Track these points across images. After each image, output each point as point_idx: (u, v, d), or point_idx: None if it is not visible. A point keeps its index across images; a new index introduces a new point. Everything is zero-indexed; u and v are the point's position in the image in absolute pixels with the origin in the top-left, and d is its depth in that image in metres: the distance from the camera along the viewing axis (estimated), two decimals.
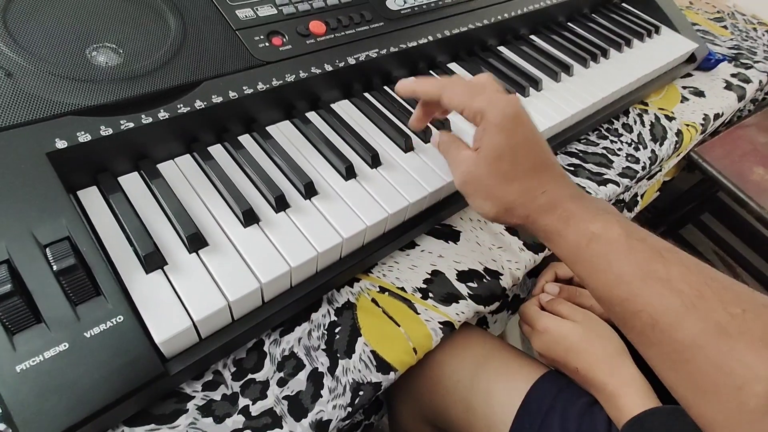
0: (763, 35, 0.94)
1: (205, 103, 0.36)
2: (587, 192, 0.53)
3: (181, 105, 0.35)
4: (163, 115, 0.35)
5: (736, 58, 0.84)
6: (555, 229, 0.31)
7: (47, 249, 0.27)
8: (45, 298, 0.26)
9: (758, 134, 0.84)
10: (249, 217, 0.34)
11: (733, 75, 0.80)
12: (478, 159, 0.33)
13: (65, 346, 0.26)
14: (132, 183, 0.34)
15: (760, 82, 0.81)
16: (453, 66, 0.55)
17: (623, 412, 0.36)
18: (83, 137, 0.31)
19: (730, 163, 0.76)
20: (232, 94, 0.38)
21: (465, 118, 0.34)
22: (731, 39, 0.90)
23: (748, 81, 0.79)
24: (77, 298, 0.27)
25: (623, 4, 0.78)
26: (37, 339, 0.25)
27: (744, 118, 0.88)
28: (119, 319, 0.27)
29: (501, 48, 0.60)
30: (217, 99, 0.37)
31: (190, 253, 0.31)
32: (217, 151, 0.38)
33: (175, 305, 0.29)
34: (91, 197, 0.33)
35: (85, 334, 0.26)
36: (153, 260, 0.30)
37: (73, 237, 0.28)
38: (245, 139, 0.40)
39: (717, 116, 0.72)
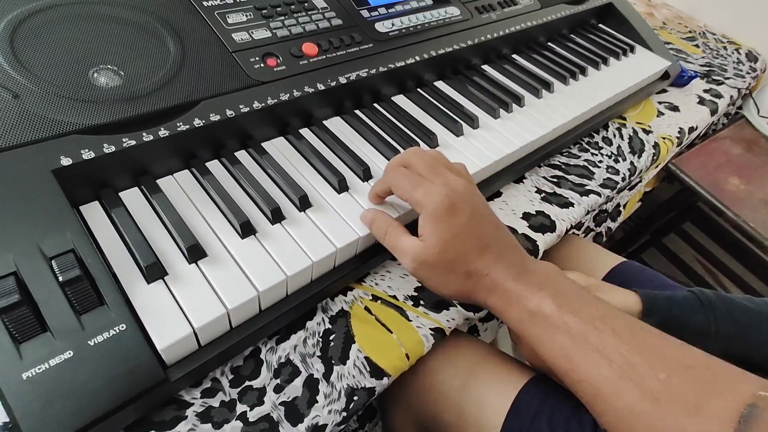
0: (733, 53, 0.99)
1: (203, 121, 0.38)
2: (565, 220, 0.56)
3: (181, 123, 0.37)
4: (163, 133, 0.36)
5: (708, 75, 0.89)
6: (500, 308, 0.34)
7: (53, 261, 0.28)
8: (51, 308, 0.27)
9: (732, 146, 0.88)
10: (246, 229, 0.35)
11: (705, 90, 0.84)
12: (423, 249, 0.34)
13: (70, 353, 0.27)
14: (133, 198, 0.36)
15: (731, 97, 0.86)
16: (439, 84, 0.58)
17: None
18: (87, 155, 0.33)
19: (706, 174, 0.79)
20: (229, 113, 0.39)
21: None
22: (703, 57, 0.95)
23: (719, 96, 0.83)
24: (81, 308, 0.28)
25: (600, 25, 0.82)
26: (42, 347, 0.26)
27: (718, 131, 0.92)
28: (122, 327, 0.28)
29: (485, 66, 0.63)
30: (215, 117, 0.39)
31: (189, 263, 0.33)
32: (214, 166, 0.40)
33: (175, 313, 0.30)
34: (93, 212, 0.34)
35: (89, 342, 0.27)
36: (154, 271, 0.31)
37: (78, 249, 0.29)
38: (241, 155, 0.42)
39: (692, 129, 0.76)
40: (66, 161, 0.32)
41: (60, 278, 0.28)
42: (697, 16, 1.10)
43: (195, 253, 0.33)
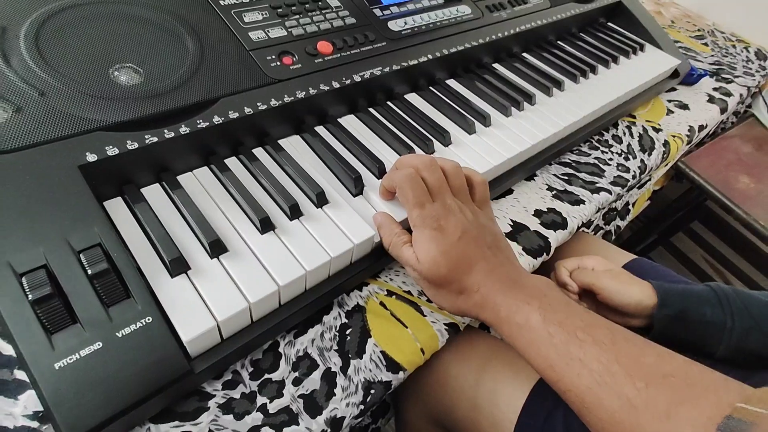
0: (742, 52, 0.99)
1: (222, 118, 0.39)
2: (580, 200, 0.56)
3: (201, 120, 0.38)
4: (184, 129, 0.37)
5: (717, 73, 0.89)
6: (492, 321, 0.34)
7: (81, 255, 0.29)
8: (80, 300, 0.28)
9: (742, 145, 0.88)
10: (265, 225, 0.36)
11: (715, 89, 0.84)
12: (417, 264, 0.35)
13: (99, 345, 0.27)
14: (155, 194, 0.36)
15: (741, 95, 0.85)
16: (451, 82, 0.58)
17: None
18: (111, 151, 0.34)
19: (716, 173, 0.79)
20: (247, 110, 0.40)
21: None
22: (712, 55, 0.95)
23: (729, 95, 0.83)
24: (109, 300, 0.29)
25: (609, 24, 0.82)
26: (73, 338, 0.27)
27: (727, 129, 0.92)
28: (148, 320, 0.29)
29: (496, 65, 0.64)
30: (233, 114, 0.39)
31: (211, 258, 0.33)
32: (233, 163, 0.41)
33: (199, 307, 0.31)
34: (117, 207, 0.35)
35: (117, 334, 0.28)
36: (178, 265, 0.32)
37: (105, 244, 0.30)
38: (259, 152, 0.42)
39: (701, 128, 0.76)
40: (92, 157, 0.33)
41: (89, 271, 0.28)
42: (705, 15, 1.10)
43: (217, 248, 0.33)
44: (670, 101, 0.78)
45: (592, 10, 0.76)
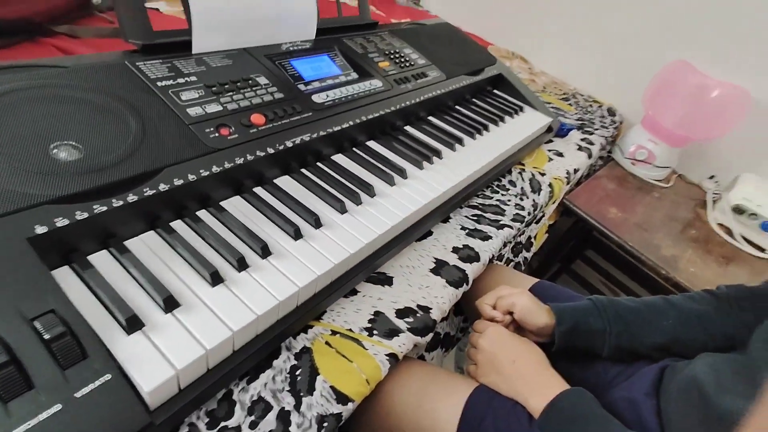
0: (598, 110, 1.23)
1: (168, 185, 0.42)
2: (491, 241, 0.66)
3: (147, 188, 0.41)
4: (131, 198, 0.40)
5: (581, 127, 1.10)
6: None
7: (35, 321, 0.30)
8: (35, 365, 0.29)
9: (608, 183, 1.07)
10: (215, 278, 0.39)
11: (581, 139, 1.04)
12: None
13: (58, 407, 0.28)
14: (104, 259, 0.38)
15: (601, 143, 1.06)
16: (371, 143, 0.67)
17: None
18: (61, 222, 0.35)
19: (592, 206, 0.96)
20: (191, 177, 0.44)
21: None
22: (576, 113, 1.18)
23: (592, 143, 1.04)
24: (66, 363, 0.30)
25: (495, 91, 1.00)
26: (30, 403, 0.28)
27: (596, 170, 1.12)
28: (107, 377, 0.30)
29: (407, 127, 0.74)
30: (178, 181, 0.43)
31: (166, 313, 0.36)
32: (178, 225, 0.44)
33: (158, 359, 0.33)
34: (67, 274, 0.36)
35: (75, 394, 0.29)
36: (133, 323, 0.34)
37: (58, 310, 0.31)
38: (203, 214, 0.46)
39: (575, 171, 0.93)
40: (41, 229, 0.34)
41: (44, 336, 0.30)
42: (568, 81, 1.36)
43: (170, 303, 0.36)
44: (549, 150, 0.95)
45: (480, 80, 0.93)
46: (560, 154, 0.95)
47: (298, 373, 0.42)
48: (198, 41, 0.57)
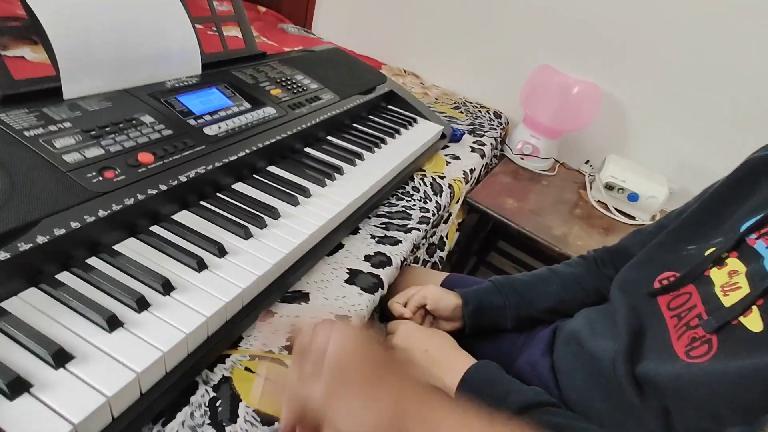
0: (485, 114, 1.36)
1: (47, 236, 0.40)
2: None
3: (22, 243, 0.39)
4: (3, 255, 0.37)
5: (473, 131, 1.21)
6: None
7: None
8: None
9: (504, 177, 1.19)
10: (113, 323, 0.38)
11: (474, 142, 1.14)
12: None
13: None
14: None
15: (492, 143, 1.18)
16: (272, 168, 0.68)
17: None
18: None
19: (492, 200, 1.06)
20: (74, 224, 0.42)
21: None
22: (467, 119, 1.29)
23: (483, 144, 1.14)
24: None
25: (389, 106, 1.06)
26: None
27: (493, 168, 1.23)
28: None
29: (307, 149, 0.77)
30: (59, 231, 0.41)
31: (57, 369, 0.34)
32: (66, 277, 0.41)
33: (51, 418, 0.31)
34: None
35: None
36: (15, 387, 0.31)
37: None
38: (94, 261, 0.44)
39: (471, 171, 1.02)
40: None
41: None
42: (457, 92, 1.49)
43: (60, 358, 0.34)
44: (446, 155, 1.03)
45: (373, 98, 0.98)
46: (457, 157, 1.04)
47: (218, 404, 0.42)
48: (69, 86, 0.54)
